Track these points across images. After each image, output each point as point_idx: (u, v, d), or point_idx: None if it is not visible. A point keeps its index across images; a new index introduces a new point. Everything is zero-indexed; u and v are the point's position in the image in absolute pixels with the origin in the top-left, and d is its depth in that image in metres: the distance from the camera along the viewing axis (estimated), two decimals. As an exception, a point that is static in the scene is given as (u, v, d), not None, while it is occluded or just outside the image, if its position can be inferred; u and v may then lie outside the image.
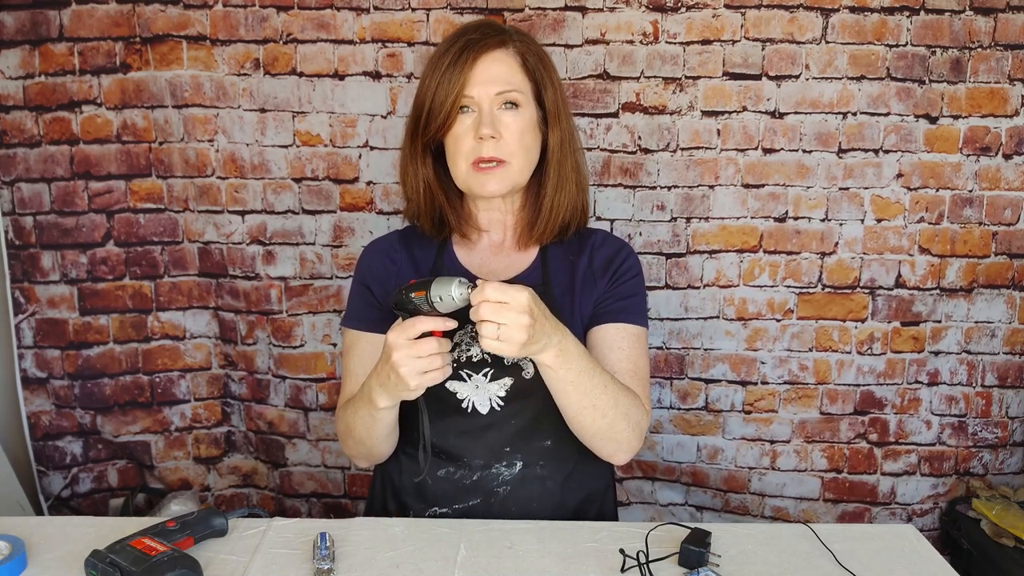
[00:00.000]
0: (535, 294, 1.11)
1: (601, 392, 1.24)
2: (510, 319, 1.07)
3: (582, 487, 1.41)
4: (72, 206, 2.05)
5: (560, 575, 1.16)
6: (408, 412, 1.34)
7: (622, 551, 1.18)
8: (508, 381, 1.33)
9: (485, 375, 1.33)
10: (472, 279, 1.32)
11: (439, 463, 1.37)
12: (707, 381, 2.13)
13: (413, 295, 1.14)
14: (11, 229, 2.05)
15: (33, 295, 2.08)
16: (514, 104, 1.30)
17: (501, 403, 1.33)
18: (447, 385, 1.33)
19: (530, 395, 1.33)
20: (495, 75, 1.29)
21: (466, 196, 1.42)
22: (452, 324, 1.14)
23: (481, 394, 1.33)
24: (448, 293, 1.10)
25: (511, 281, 1.38)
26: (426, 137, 1.34)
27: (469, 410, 1.34)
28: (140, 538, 1.14)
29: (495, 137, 1.28)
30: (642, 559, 1.17)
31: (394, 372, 1.14)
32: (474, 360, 1.33)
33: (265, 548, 1.23)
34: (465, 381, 1.34)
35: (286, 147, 2.03)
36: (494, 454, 1.35)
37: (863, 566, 1.18)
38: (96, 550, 1.12)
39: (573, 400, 1.24)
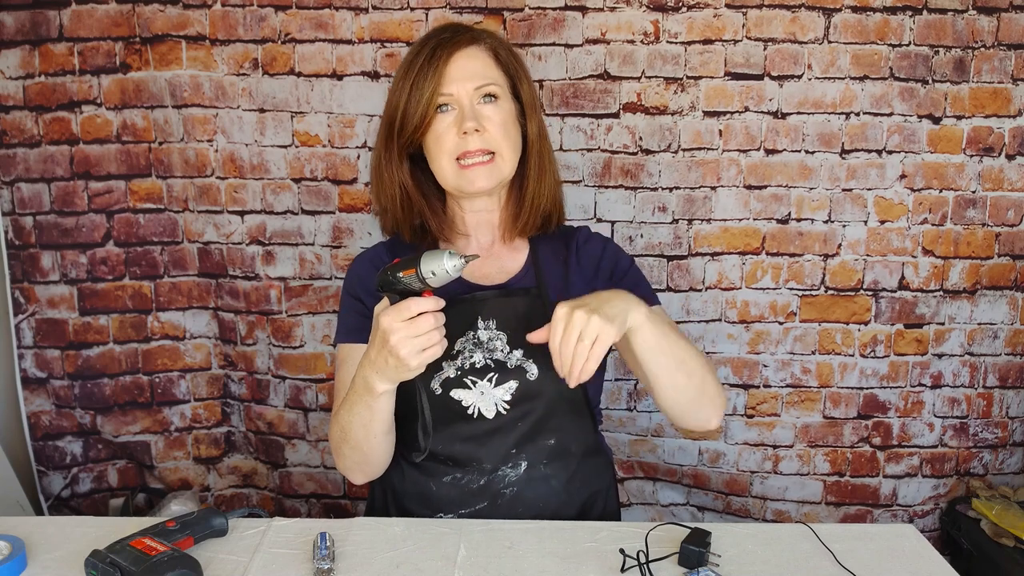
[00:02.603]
0: (570, 299, 1.12)
1: (686, 347, 1.22)
2: (580, 327, 1.08)
3: (586, 485, 1.41)
4: (72, 206, 2.05)
5: (560, 575, 1.16)
6: (408, 415, 1.32)
7: (622, 551, 1.18)
8: (513, 385, 1.32)
9: (490, 380, 1.32)
10: (465, 286, 1.33)
11: (445, 469, 1.36)
12: (708, 383, 2.12)
13: (401, 274, 1.10)
14: (11, 229, 2.05)
15: (33, 295, 2.08)
16: (493, 96, 1.30)
17: (507, 406, 1.32)
18: (451, 393, 1.32)
19: (535, 397, 1.33)
20: (472, 70, 1.28)
21: (448, 198, 1.41)
22: (442, 303, 1.12)
23: (487, 400, 1.32)
24: (441, 266, 1.07)
25: (504, 285, 1.38)
26: (403, 140, 1.32)
27: (475, 416, 1.33)
28: (140, 538, 1.14)
29: (479, 130, 1.27)
30: (642, 559, 1.17)
31: (392, 356, 1.11)
32: (478, 367, 1.32)
33: (265, 548, 1.22)
34: (470, 388, 1.32)
35: (285, 147, 2.03)
36: (501, 457, 1.34)
37: (863, 566, 1.18)
38: (96, 550, 1.12)
39: (664, 362, 1.20)
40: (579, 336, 1.08)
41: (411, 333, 1.10)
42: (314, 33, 1.97)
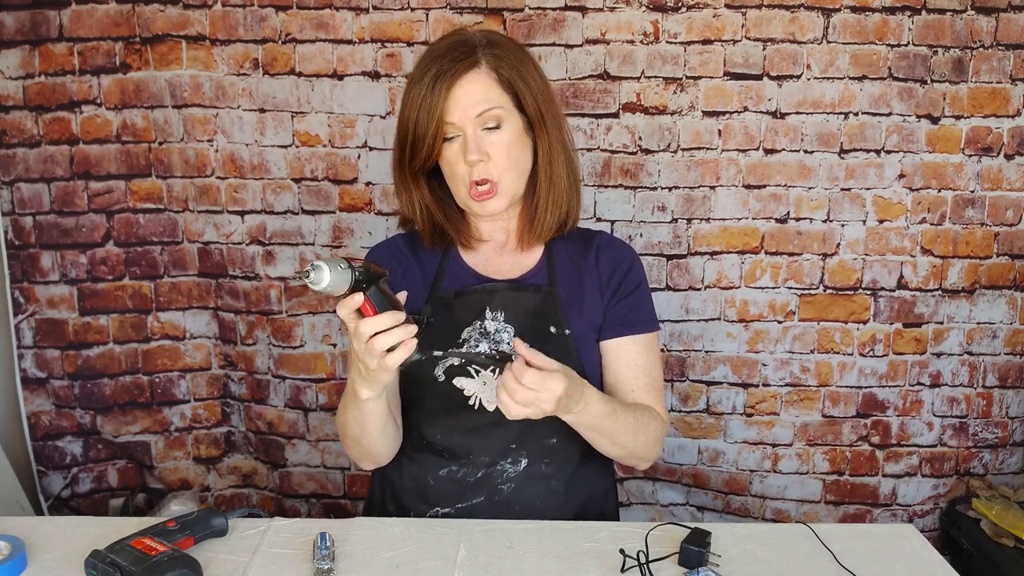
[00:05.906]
0: (568, 375, 1.16)
1: (622, 431, 1.30)
2: (537, 400, 1.13)
3: (585, 487, 1.42)
4: (72, 206, 2.05)
5: (560, 575, 1.16)
6: (410, 405, 1.36)
7: (622, 551, 1.18)
8: None
9: (493, 371, 1.33)
10: (477, 278, 1.36)
11: (442, 462, 1.37)
12: (708, 383, 2.12)
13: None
14: (11, 229, 2.05)
15: (33, 295, 2.08)
16: (497, 124, 1.30)
17: None
18: (454, 382, 1.33)
19: None
20: (472, 99, 1.28)
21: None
22: (359, 298, 1.09)
23: (488, 390, 1.34)
24: (331, 279, 1.03)
25: (516, 281, 1.39)
26: (415, 166, 1.34)
27: (476, 407, 1.34)
28: (140, 538, 1.14)
29: (483, 160, 1.29)
30: (642, 559, 1.17)
31: (361, 362, 1.14)
32: (483, 357, 1.34)
33: (265, 548, 1.22)
34: (473, 377, 1.34)
35: (285, 147, 2.03)
36: (499, 451, 1.35)
37: (863, 566, 1.18)
38: (96, 550, 1.12)
39: (595, 439, 1.31)
40: (529, 400, 1.13)
41: (360, 341, 1.10)
42: (314, 33, 1.97)
